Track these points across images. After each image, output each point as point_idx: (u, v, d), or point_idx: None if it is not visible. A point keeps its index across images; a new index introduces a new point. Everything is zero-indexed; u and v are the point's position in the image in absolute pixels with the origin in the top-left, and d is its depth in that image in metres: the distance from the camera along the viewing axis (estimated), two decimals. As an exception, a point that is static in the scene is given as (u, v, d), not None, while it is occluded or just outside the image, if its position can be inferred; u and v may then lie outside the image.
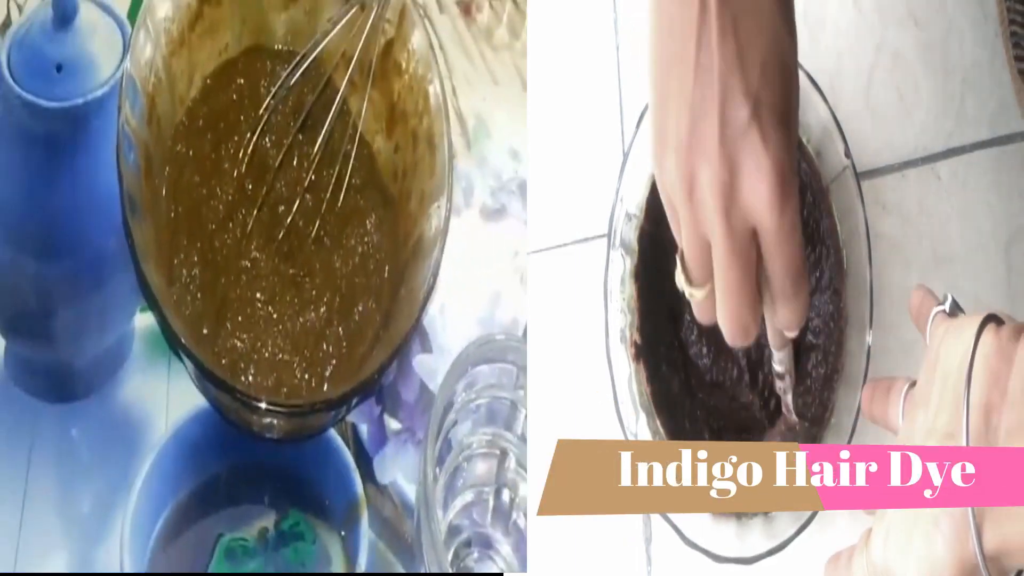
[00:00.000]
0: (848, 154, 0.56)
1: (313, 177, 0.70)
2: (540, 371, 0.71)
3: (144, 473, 0.67)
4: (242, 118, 0.70)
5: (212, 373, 0.61)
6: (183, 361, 0.63)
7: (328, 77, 0.71)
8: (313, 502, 0.71)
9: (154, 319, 0.61)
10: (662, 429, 0.61)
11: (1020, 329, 0.38)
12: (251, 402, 0.61)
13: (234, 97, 0.71)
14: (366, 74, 0.70)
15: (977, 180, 0.56)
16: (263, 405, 0.61)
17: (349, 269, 0.70)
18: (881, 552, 0.39)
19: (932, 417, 0.39)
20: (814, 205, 0.58)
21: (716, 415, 0.62)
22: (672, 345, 0.63)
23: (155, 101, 0.65)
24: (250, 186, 0.69)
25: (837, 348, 0.56)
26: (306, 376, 0.66)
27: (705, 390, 0.63)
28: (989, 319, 0.38)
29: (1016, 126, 0.55)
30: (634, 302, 0.63)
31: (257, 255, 0.69)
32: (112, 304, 0.72)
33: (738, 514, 0.57)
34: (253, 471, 0.71)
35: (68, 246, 0.68)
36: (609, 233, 0.63)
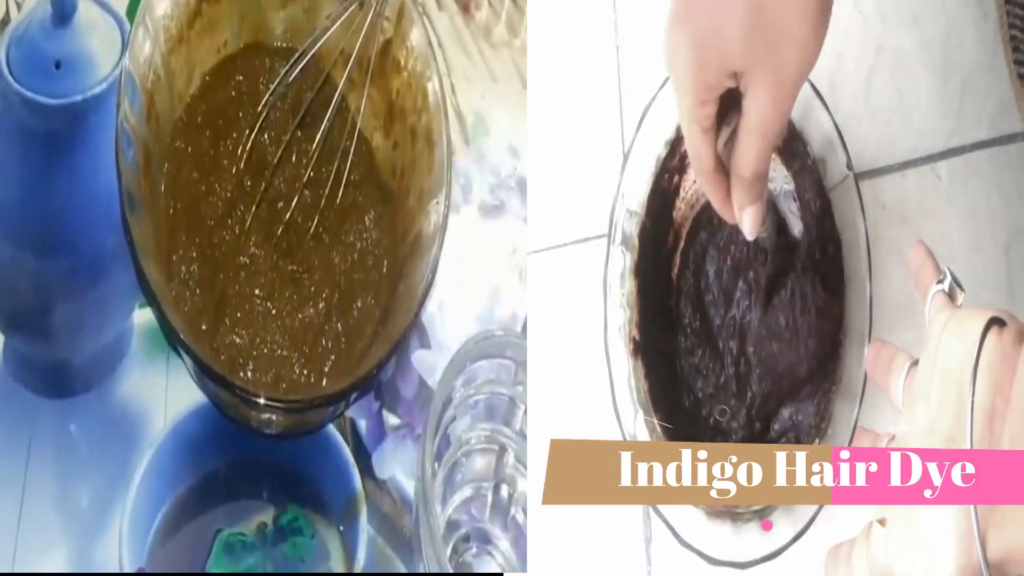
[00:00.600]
0: (850, 165, 0.56)
1: (312, 174, 0.70)
2: (539, 367, 0.72)
3: (143, 469, 0.67)
4: (241, 115, 0.70)
5: (211, 369, 0.61)
6: (182, 357, 0.63)
7: (327, 74, 0.71)
8: (312, 497, 0.71)
9: (153, 315, 0.62)
10: (659, 426, 0.61)
11: (1023, 333, 0.38)
12: (250, 398, 0.61)
13: (233, 94, 0.71)
14: (365, 71, 0.70)
15: (977, 180, 0.56)
16: (262, 401, 0.61)
17: (348, 265, 0.70)
18: (882, 551, 0.39)
19: (933, 416, 0.39)
20: (817, 215, 0.58)
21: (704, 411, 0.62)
22: (670, 344, 0.63)
23: (154, 98, 0.65)
24: (249, 182, 0.69)
25: (835, 360, 0.56)
26: (305, 372, 0.67)
27: (697, 388, 0.63)
28: (992, 322, 0.38)
29: (1016, 126, 0.55)
30: (633, 298, 0.63)
31: (256, 251, 0.69)
32: (111, 300, 0.72)
33: (733, 517, 0.57)
34: (252, 466, 0.71)
35: (67, 242, 0.68)
36: (610, 228, 0.63)
